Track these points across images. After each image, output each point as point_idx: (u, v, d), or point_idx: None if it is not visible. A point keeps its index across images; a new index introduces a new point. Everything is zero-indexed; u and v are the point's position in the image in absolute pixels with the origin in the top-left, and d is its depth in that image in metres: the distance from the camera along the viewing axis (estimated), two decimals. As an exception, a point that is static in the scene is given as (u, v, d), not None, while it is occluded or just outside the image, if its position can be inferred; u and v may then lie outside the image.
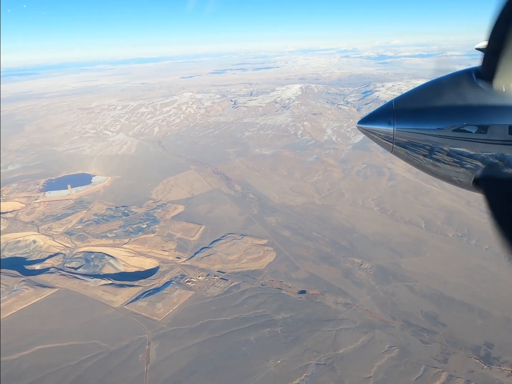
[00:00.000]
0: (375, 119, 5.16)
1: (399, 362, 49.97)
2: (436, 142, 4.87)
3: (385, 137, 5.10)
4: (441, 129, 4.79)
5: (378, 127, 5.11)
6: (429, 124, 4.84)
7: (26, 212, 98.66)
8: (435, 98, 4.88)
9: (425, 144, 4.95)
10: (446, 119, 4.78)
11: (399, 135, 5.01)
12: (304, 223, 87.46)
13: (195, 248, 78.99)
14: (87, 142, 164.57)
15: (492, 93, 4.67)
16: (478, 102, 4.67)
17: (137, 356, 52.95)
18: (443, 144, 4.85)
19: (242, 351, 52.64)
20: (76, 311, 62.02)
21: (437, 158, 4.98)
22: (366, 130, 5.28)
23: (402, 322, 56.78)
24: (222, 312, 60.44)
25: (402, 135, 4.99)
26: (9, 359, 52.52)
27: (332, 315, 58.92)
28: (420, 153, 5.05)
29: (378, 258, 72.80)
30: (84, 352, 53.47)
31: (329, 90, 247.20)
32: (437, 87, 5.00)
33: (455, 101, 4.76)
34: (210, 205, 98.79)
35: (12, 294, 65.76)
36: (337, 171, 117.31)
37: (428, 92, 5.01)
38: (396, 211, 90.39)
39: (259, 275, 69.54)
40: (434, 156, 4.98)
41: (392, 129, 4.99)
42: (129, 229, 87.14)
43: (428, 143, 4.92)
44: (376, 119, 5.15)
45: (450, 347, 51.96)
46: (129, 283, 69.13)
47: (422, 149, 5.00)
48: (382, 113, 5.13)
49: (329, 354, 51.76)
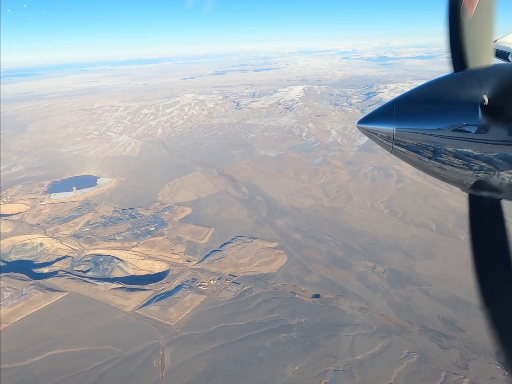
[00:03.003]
0: (375, 119, 5.12)
1: (419, 368, 49.18)
2: (436, 142, 4.85)
3: (385, 137, 5.08)
4: (441, 129, 4.76)
5: (378, 127, 5.08)
6: (429, 124, 4.81)
7: (32, 214, 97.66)
8: (435, 98, 4.86)
9: (425, 144, 4.93)
10: (446, 119, 4.75)
11: (399, 135, 4.98)
12: (314, 225, 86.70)
13: (205, 251, 78.13)
14: (91, 144, 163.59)
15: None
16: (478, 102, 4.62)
17: (151, 362, 52.07)
18: (443, 144, 4.82)
19: (259, 357, 51.79)
20: (87, 315, 61.09)
21: (437, 158, 4.95)
22: (366, 130, 5.23)
23: (419, 327, 56.01)
24: (236, 316, 59.60)
25: (402, 135, 4.97)
26: (21, 365, 51.63)
27: (347, 319, 58.12)
28: (420, 153, 5.02)
29: (391, 261, 72.07)
30: (98, 358, 52.56)
31: (332, 92, 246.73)
32: (437, 87, 4.98)
33: (455, 101, 4.72)
34: (217, 207, 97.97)
35: (22, 298, 64.79)
36: (344, 173, 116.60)
37: (428, 92, 4.99)
38: (406, 213, 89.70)
39: (271, 278, 68.71)
40: (434, 156, 4.96)
41: (392, 129, 4.96)
42: (137, 232, 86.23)
43: (428, 143, 4.89)
44: (376, 119, 5.12)
45: (470, 352, 51.22)
46: (140, 287, 68.22)
47: (422, 149, 4.98)
48: (382, 113, 5.10)
49: (347, 360, 50.95)
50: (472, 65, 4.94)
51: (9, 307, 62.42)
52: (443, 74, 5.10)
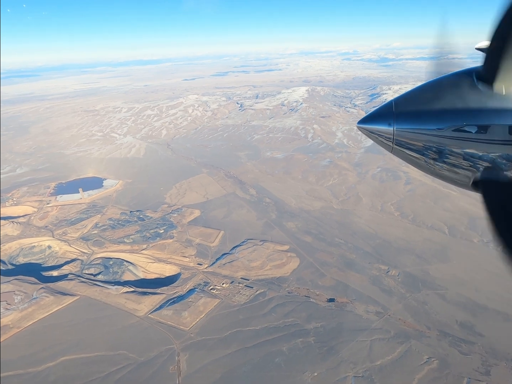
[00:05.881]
0: (375, 119, 5.11)
1: (440, 374, 48.44)
2: (436, 142, 4.83)
3: (385, 137, 5.06)
4: (441, 129, 4.75)
5: (378, 127, 5.07)
6: (429, 124, 4.81)
7: (39, 216, 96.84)
8: (435, 98, 4.84)
9: (425, 144, 4.90)
10: (446, 119, 4.74)
11: (399, 135, 4.96)
12: (324, 228, 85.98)
13: (215, 254, 77.35)
14: (95, 145, 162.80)
15: (492, 95, 4.64)
16: (478, 102, 4.63)
17: (167, 367, 51.26)
18: (443, 144, 4.80)
19: (276, 363, 51.01)
20: (100, 320, 60.28)
21: (437, 158, 4.93)
22: (366, 130, 5.22)
23: (437, 332, 55.27)
24: (251, 321, 58.82)
25: (402, 135, 4.95)
26: (35, 371, 50.81)
27: (364, 324, 57.38)
28: (420, 153, 5.00)
29: (404, 264, 71.36)
30: (113, 364, 51.75)
31: (335, 93, 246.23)
32: (437, 87, 4.95)
33: (455, 101, 4.73)
34: (226, 209, 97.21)
35: (33, 302, 63.94)
36: (352, 175, 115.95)
37: (428, 92, 4.97)
38: (417, 216, 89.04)
39: (285, 282, 67.96)
40: (434, 156, 4.93)
41: (392, 129, 4.94)
42: (147, 235, 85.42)
43: (428, 143, 4.87)
44: (376, 119, 5.10)
45: (490, 358, 50.48)
46: (152, 290, 67.45)
47: (422, 149, 4.95)
48: (382, 113, 5.08)
49: (366, 365, 50.20)
50: (499, 87, 4.62)
51: (21, 311, 61.59)
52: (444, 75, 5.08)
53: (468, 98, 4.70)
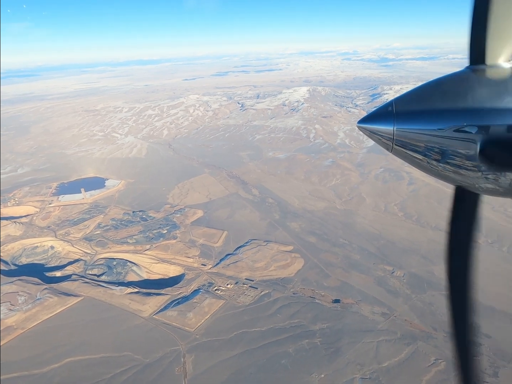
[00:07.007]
0: (375, 119, 5.04)
1: (448, 376, 48.10)
2: (436, 142, 4.77)
3: (385, 137, 5.00)
4: (442, 129, 4.68)
5: (378, 127, 5.01)
6: (429, 124, 4.75)
7: (41, 216, 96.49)
8: (435, 98, 4.79)
9: (425, 144, 4.85)
10: (447, 119, 4.66)
11: (399, 135, 4.91)
12: (328, 228, 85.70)
13: (219, 254, 77.05)
14: (96, 145, 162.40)
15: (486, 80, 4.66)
16: (479, 102, 4.55)
17: (173, 369, 50.93)
18: (443, 144, 4.73)
19: (283, 364, 50.71)
20: (104, 321, 59.95)
21: (437, 158, 4.87)
22: (366, 129, 5.17)
23: (444, 333, 54.96)
24: (256, 322, 58.51)
25: (402, 135, 4.90)
26: (40, 373, 50.46)
27: (370, 325, 57.09)
28: (420, 153, 4.96)
29: (409, 265, 71.10)
30: (118, 365, 51.41)
31: (336, 93, 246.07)
32: (437, 87, 4.91)
33: (455, 101, 4.65)
34: (229, 209, 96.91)
35: (36, 303, 63.58)
36: (354, 175, 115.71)
37: (428, 92, 4.93)
38: (421, 216, 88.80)
39: (289, 283, 67.66)
40: (434, 157, 4.88)
41: (392, 129, 4.88)
42: (150, 235, 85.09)
43: (428, 143, 4.82)
44: (376, 118, 5.04)
45: (498, 360, 50.21)
46: (156, 291, 67.12)
47: (423, 149, 4.91)
48: (382, 112, 5.00)
49: (373, 367, 49.91)
50: (491, 60, 4.66)
51: (24, 312, 61.25)
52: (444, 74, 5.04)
53: (469, 97, 4.65)
